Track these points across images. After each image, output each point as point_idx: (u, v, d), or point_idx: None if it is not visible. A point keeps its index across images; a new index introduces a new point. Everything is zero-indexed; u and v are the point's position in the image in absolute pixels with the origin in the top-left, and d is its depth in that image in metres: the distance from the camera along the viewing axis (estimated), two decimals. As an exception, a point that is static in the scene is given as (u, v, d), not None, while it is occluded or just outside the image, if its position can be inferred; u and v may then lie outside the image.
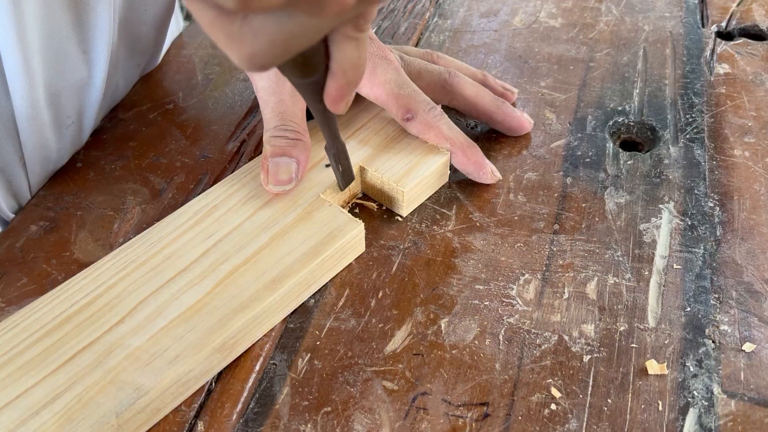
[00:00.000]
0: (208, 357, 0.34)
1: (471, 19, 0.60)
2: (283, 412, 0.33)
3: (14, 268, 0.40)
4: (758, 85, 0.51)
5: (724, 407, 0.32)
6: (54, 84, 0.44)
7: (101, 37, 0.45)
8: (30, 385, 0.32)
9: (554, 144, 0.47)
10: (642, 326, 0.36)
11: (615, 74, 0.53)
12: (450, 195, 0.44)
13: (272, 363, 0.35)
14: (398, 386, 0.34)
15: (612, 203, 0.42)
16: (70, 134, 0.48)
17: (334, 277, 0.39)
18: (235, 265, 0.37)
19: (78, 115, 0.48)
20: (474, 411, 0.32)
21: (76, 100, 0.47)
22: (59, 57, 0.43)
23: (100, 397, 0.31)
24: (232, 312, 0.35)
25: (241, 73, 0.56)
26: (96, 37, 0.45)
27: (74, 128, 0.48)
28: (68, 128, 0.47)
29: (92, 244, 0.42)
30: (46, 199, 0.45)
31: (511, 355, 0.35)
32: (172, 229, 0.39)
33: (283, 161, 0.40)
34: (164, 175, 0.46)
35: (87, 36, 0.45)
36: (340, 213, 0.39)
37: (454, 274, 0.39)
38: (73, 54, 0.44)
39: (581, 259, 0.39)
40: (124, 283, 0.36)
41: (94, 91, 0.47)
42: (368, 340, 0.36)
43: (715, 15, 0.59)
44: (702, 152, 0.45)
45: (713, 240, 0.40)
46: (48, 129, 0.45)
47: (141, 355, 0.33)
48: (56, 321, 0.35)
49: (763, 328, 0.35)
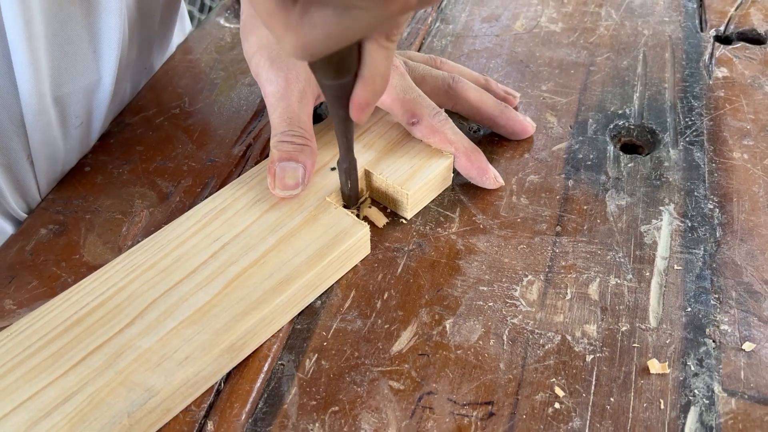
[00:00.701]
0: (217, 358, 0.34)
1: (473, 24, 0.61)
2: (291, 411, 0.33)
3: (25, 271, 0.41)
4: (756, 88, 0.52)
5: (725, 405, 0.33)
6: (63, 83, 0.44)
7: (112, 36, 0.46)
8: (41, 387, 0.32)
9: (556, 147, 0.47)
10: (643, 326, 0.36)
11: (615, 78, 0.54)
12: (453, 198, 0.44)
13: (280, 363, 0.36)
14: (404, 386, 0.34)
15: (613, 205, 0.43)
16: (79, 135, 0.48)
17: (341, 279, 0.40)
18: (242, 267, 0.38)
19: (87, 116, 0.48)
20: (479, 410, 0.33)
21: (86, 100, 0.47)
22: (69, 55, 0.44)
23: (111, 398, 0.32)
24: (241, 314, 0.35)
25: (247, 77, 0.56)
26: (106, 36, 0.45)
27: (83, 129, 0.48)
28: (77, 129, 0.48)
29: (101, 247, 0.42)
30: (55, 202, 0.46)
31: (515, 355, 0.35)
32: (181, 232, 0.40)
33: (290, 166, 0.41)
34: (171, 179, 0.47)
35: (98, 36, 0.45)
36: (346, 216, 0.40)
37: (459, 276, 0.39)
38: (83, 53, 0.45)
39: (583, 261, 0.40)
40: (134, 285, 0.37)
41: (103, 92, 0.48)
42: (374, 341, 0.36)
43: (714, 19, 0.60)
44: (701, 155, 0.46)
45: (713, 241, 0.40)
46: (56, 128, 0.45)
47: (151, 356, 0.33)
48: (67, 323, 0.35)
49: (763, 328, 0.36)
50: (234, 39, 0.62)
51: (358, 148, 0.45)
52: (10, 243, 0.43)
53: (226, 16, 0.65)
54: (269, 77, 0.43)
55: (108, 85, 0.48)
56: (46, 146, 0.45)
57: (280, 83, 0.43)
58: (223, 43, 0.61)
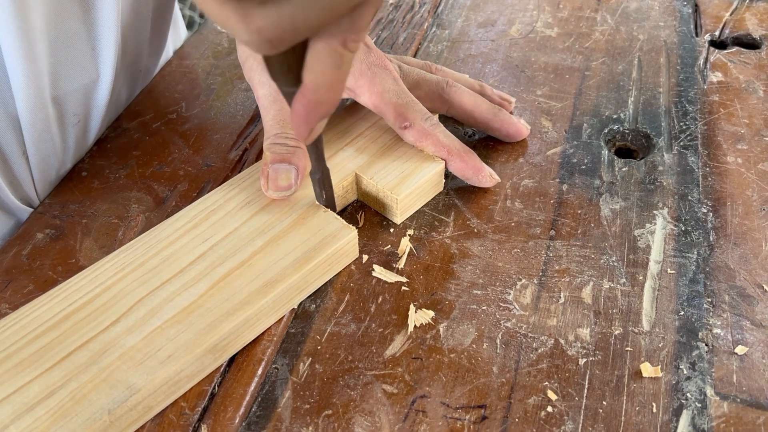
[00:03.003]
0: (200, 358, 0.34)
1: (469, 29, 0.61)
2: (285, 415, 0.34)
3: (21, 275, 0.41)
4: (751, 93, 0.52)
5: (717, 409, 0.33)
6: (62, 80, 0.45)
7: (109, 33, 0.46)
8: (26, 382, 0.33)
9: (550, 151, 0.48)
10: (636, 330, 0.36)
11: (610, 83, 0.54)
12: (448, 202, 0.44)
13: (274, 367, 0.36)
14: (398, 389, 0.34)
15: (607, 209, 0.43)
16: (76, 134, 0.49)
17: (335, 283, 0.40)
18: (229, 268, 0.38)
19: (85, 115, 0.48)
20: (472, 413, 0.33)
21: (84, 99, 0.48)
22: (68, 50, 0.44)
23: (94, 395, 0.32)
24: (225, 314, 0.35)
25: (243, 83, 0.57)
26: (104, 33, 0.46)
27: (80, 128, 0.49)
28: (74, 127, 0.48)
29: (97, 251, 0.43)
30: (51, 207, 0.46)
31: (509, 359, 0.35)
32: (171, 232, 0.40)
33: (283, 168, 0.41)
34: (167, 184, 0.47)
35: (95, 31, 0.45)
36: (334, 219, 0.40)
37: (453, 280, 0.39)
38: (81, 50, 0.45)
39: (577, 265, 0.40)
40: (122, 284, 0.37)
41: (101, 91, 0.48)
42: (368, 345, 0.36)
43: (709, 24, 0.60)
44: (695, 159, 0.46)
45: (706, 245, 0.41)
46: (53, 125, 0.46)
47: (135, 354, 0.34)
48: (54, 319, 0.36)
49: (755, 332, 0.36)
50: (231, 44, 0.62)
51: (350, 152, 0.45)
52: (7, 247, 0.43)
53: (224, 21, 0.65)
54: (261, 80, 0.44)
55: (107, 83, 0.48)
56: (43, 143, 0.45)
57: (272, 86, 0.43)
58: (220, 48, 0.62)
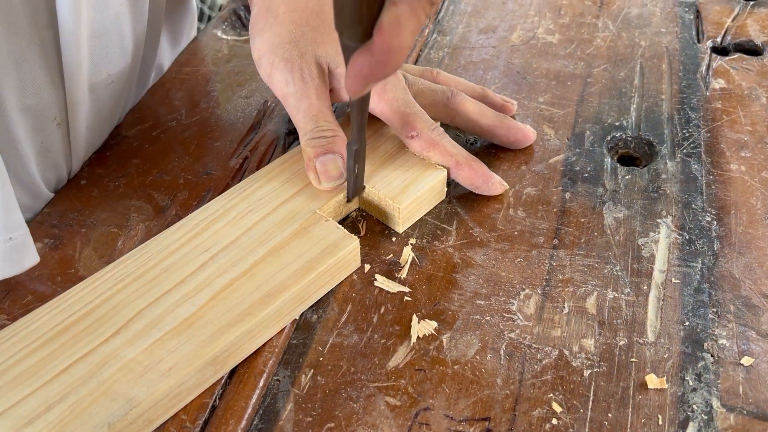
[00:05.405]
0: (201, 370, 0.34)
1: (469, 36, 0.61)
2: (287, 428, 0.33)
3: (20, 286, 0.41)
4: (754, 99, 0.52)
5: (724, 421, 0.32)
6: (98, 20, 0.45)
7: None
8: (25, 395, 0.32)
9: (553, 159, 0.47)
10: (641, 340, 0.36)
11: (612, 89, 0.54)
12: (450, 210, 0.44)
13: (276, 379, 0.35)
14: (401, 402, 0.34)
15: (610, 218, 0.43)
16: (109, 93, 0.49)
17: (337, 293, 0.40)
18: (230, 279, 0.37)
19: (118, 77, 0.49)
20: (476, 426, 0.33)
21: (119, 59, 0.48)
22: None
23: (93, 408, 0.32)
24: (226, 326, 0.35)
25: (243, 90, 0.56)
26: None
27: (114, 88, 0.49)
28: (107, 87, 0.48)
29: (97, 261, 0.42)
30: (50, 216, 0.46)
31: (513, 370, 0.35)
32: (171, 242, 0.40)
33: (329, 158, 0.41)
34: (167, 192, 0.47)
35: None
36: (336, 229, 0.40)
37: (455, 290, 0.39)
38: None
39: (581, 274, 0.40)
40: (122, 294, 0.37)
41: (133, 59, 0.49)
42: (371, 356, 0.36)
43: (711, 30, 0.60)
44: (699, 167, 0.46)
45: (711, 254, 0.40)
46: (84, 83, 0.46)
47: (135, 366, 0.33)
48: (53, 331, 0.35)
49: (761, 342, 0.36)
50: (231, 51, 0.62)
51: None
52: (5, 257, 0.43)
53: (224, 28, 0.65)
54: (285, 78, 0.43)
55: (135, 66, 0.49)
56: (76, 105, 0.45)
57: (297, 83, 0.43)
58: (220, 55, 0.61)
